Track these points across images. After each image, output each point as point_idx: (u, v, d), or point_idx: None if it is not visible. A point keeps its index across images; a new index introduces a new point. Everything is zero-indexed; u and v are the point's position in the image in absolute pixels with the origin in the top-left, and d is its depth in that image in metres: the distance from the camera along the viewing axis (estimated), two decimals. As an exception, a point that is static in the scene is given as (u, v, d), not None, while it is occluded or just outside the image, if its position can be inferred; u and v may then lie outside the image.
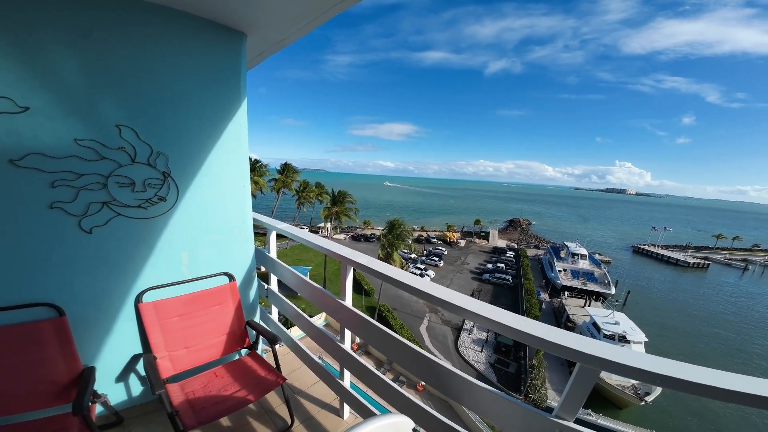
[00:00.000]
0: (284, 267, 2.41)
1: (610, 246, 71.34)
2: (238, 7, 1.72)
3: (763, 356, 26.79)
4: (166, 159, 1.88)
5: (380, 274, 1.65)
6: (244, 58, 2.05)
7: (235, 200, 2.23)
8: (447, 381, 1.40)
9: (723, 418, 18.99)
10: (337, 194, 37.87)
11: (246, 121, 2.16)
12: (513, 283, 37.37)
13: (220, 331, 2.21)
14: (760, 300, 41.72)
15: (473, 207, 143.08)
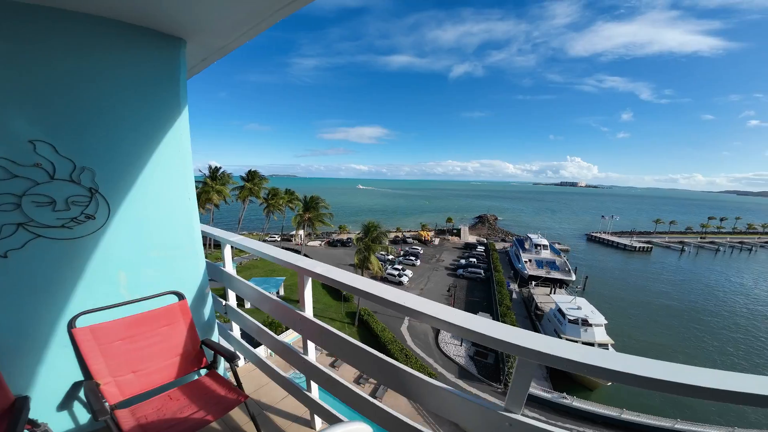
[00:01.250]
0: (242, 282, 2.33)
1: (567, 235, 76.73)
2: (175, 13, 1.63)
3: (699, 319, 30.26)
4: (93, 174, 1.74)
5: (337, 282, 1.64)
6: (184, 65, 1.95)
7: (179, 214, 2.11)
8: (406, 382, 1.42)
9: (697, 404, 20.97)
10: (309, 200, 36.67)
11: (188, 131, 2.05)
12: (485, 276, 38.79)
13: (172, 352, 2.10)
14: (698, 278, 47.14)
15: (444, 206, 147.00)
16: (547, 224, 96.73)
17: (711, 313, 32.92)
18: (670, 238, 74.26)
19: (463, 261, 45.15)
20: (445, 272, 42.05)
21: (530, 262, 40.23)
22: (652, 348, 25.34)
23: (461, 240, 64.21)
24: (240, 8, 1.51)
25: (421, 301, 1.38)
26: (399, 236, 62.49)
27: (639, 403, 18.58)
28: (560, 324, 23.51)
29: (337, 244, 55.99)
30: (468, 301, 32.49)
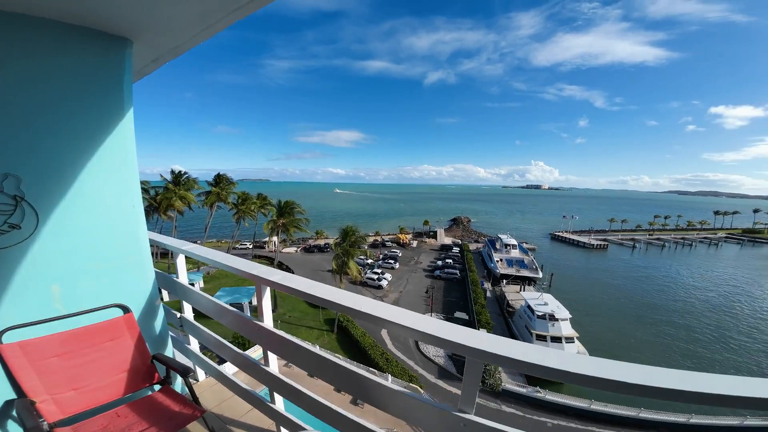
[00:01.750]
0: (197, 293, 2.26)
1: (533, 235, 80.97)
2: (118, 13, 1.54)
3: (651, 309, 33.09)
4: (19, 181, 1.62)
5: (294, 290, 1.61)
6: (129, 67, 1.84)
7: (123, 223, 2.01)
8: (366, 387, 1.43)
9: None
10: (283, 205, 34.65)
11: (133, 135, 1.95)
12: (461, 276, 39.71)
13: (118, 368, 2.02)
14: (649, 270, 51.53)
15: (421, 209, 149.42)
16: (516, 225, 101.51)
17: (660, 304, 36.09)
18: (622, 235, 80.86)
19: (440, 262, 45.95)
20: (423, 274, 42.54)
21: (501, 261, 41.81)
22: (612, 339, 27.15)
23: (438, 242, 65.43)
24: (190, 8, 1.43)
25: (375, 304, 1.39)
26: (378, 240, 62.32)
27: (607, 393, 19.68)
28: (530, 320, 24.52)
29: (314, 250, 54.67)
30: (445, 301, 33.02)
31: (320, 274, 40.46)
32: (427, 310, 29.48)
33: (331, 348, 22.38)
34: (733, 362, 24.37)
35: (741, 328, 30.05)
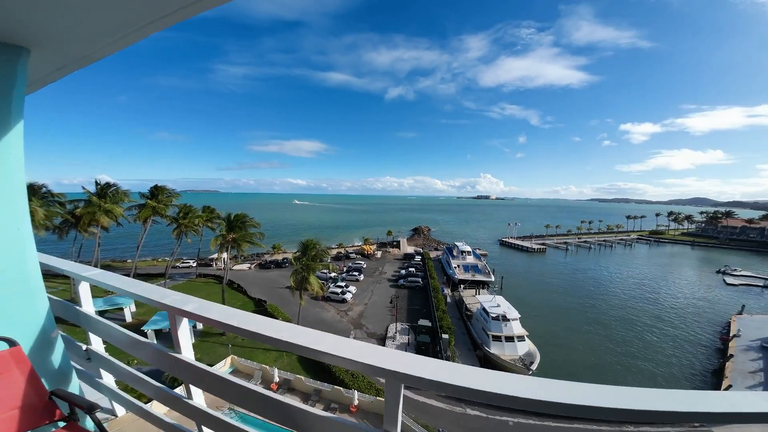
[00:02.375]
0: (104, 322, 2.08)
1: (485, 241, 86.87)
2: (9, 21, 1.39)
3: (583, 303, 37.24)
4: None
5: (208, 319, 1.51)
6: (22, 76, 1.71)
7: (5, 247, 1.82)
8: (292, 415, 1.39)
9: (583, 377, 24.49)
10: (233, 218, 31.22)
11: (21, 149, 1.80)
12: (423, 284, 40.61)
13: (6, 405, 1.78)
14: (579, 270, 58.14)
15: (386, 219, 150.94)
16: (470, 233, 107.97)
17: (591, 299, 40.92)
18: (557, 239, 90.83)
19: (404, 271, 46.54)
20: (388, 284, 42.58)
21: (459, 268, 43.84)
22: (554, 333, 29.82)
23: (401, 251, 66.42)
24: (100, 18, 1.32)
25: (299, 331, 1.35)
26: (342, 252, 61.03)
27: None
28: (486, 321, 25.78)
29: (270, 265, 51.33)
30: (410, 309, 33.33)
31: (278, 291, 37.98)
32: (392, 320, 29.41)
33: (292, 369, 20.93)
34: (646, 343, 28.44)
35: (651, 314, 35.45)
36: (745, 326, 29.13)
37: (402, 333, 27.49)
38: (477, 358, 24.28)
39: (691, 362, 25.12)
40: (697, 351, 26.87)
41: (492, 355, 23.50)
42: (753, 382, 21.41)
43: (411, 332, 27.42)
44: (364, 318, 31.19)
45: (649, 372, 23.90)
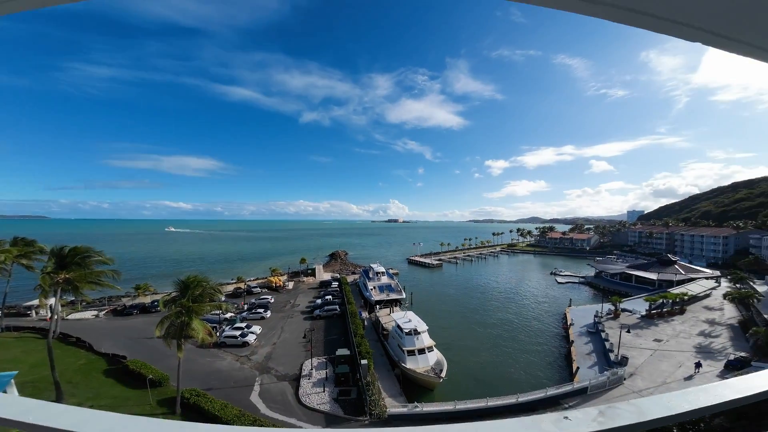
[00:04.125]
0: None
1: (396, 261, 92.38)
2: None
3: (474, 306, 43.09)
4: None
5: None
6: None
7: None
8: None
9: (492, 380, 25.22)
10: (67, 253, 22.02)
11: None
12: (341, 310, 38.85)
13: None
14: (467, 278, 67.86)
15: (299, 246, 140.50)
16: (383, 254, 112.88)
17: (479, 303, 48.05)
18: (449, 255, 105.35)
19: (320, 300, 43.59)
20: (302, 317, 38.74)
21: (375, 289, 44.40)
22: (455, 339, 33.09)
23: (317, 279, 62.49)
24: None
25: None
26: (241, 288, 51.68)
27: (462, 391, 22.22)
28: (401, 338, 26.41)
29: (132, 311, 39.69)
30: (327, 341, 30.94)
31: (146, 343, 29.04)
32: (307, 356, 26.49)
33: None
34: (522, 337, 34.95)
35: (520, 312, 44.30)
36: (575, 316, 36.93)
37: (319, 368, 25.01)
38: (395, 377, 24.28)
39: (551, 349, 30.55)
40: (553, 340, 32.84)
41: (408, 370, 23.97)
42: (590, 362, 26.24)
43: (329, 365, 25.28)
44: (272, 360, 26.87)
45: (530, 362, 27.92)
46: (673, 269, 52.88)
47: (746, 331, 30.31)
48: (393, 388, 23.01)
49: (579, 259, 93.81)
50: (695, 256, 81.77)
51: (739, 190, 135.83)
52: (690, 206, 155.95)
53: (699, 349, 27.77)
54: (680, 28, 0.91)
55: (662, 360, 26.04)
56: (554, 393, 21.27)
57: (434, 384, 23.08)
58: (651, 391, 21.81)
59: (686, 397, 1.10)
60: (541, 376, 25.65)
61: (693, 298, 41.93)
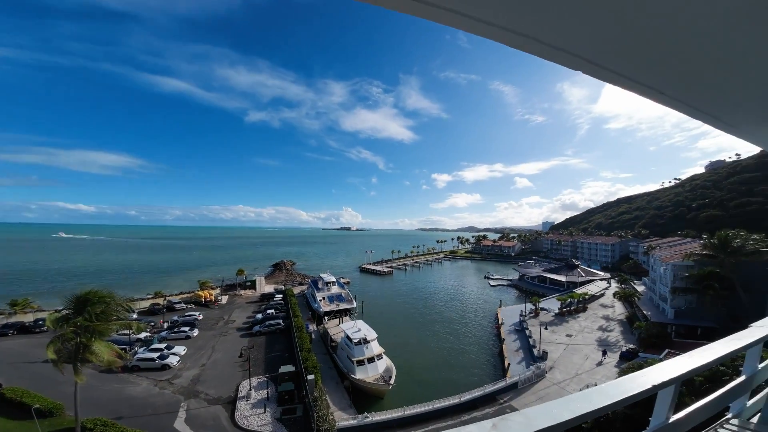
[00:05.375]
0: None
1: (348, 270, 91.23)
2: None
3: (423, 310, 45.02)
4: None
5: None
6: None
7: None
8: None
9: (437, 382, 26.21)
10: None
11: None
12: (285, 324, 36.42)
13: None
14: (415, 284, 70.61)
15: (236, 256, 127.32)
16: (335, 263, 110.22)
17: (427, 307, 50.40)
18: (399, 262, 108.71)
19: (260, 315, 40.14)
20: (238, 334, 35.11)
21: (324, 300, 42.99)
22: (404, 343, 34.08)
23: (257, 292, 57.40)
24: None
25: None
26: (159, 303, 44.79)
27: (409, 396, 22.77)
28: (350, 348, 26.08)
29: (9, 331, 32.45)
30: (268, 358, 28.60)
31: (31, 368, 23.83)
32: (245, 376, 24.03)
33: None
34: (465, 337, 37.71)
35: (458, 308, 47.83)
36: (505, 315, 41.48)
37: (259, 388, 22.98)
38: (345, 390, 23.73)
39: (487, 348, 33.82)
40: (488, 338, 36.34)
41: (358, 380, 23.82)
42: (519, 358, 29.09)
43: (271, 384, 23.37)
44: (201, 383, 23.95)
45: (470, 361, 30.36)
46: (576, 272, 63.24)
47: (632, 325, 35.36)
48: (342, 401, 22.45)
49: (507, 264, 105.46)
50: (592, 260, 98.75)
51: (622, 204, 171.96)
52: (587, 218, 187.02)
53: (600, 342, 33.00)
54: (562, 55, 1.14)
55: (574, 353, 30.35)
56: (491, 390, 23.12)
57: (384, 392, 23.29)
58: (567, 382, 25.16)
59: (567, 405, 1.20)
60: (480, 373, 28.10)
61: (592, 297, 50.48)
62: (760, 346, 2.25)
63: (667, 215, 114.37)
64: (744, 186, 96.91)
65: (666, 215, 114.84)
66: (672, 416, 1.74)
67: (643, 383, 1.45)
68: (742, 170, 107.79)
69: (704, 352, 1.90)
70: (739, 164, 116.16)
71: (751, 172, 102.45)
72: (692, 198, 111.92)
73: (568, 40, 1.05)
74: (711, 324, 30.98)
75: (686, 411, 1.84)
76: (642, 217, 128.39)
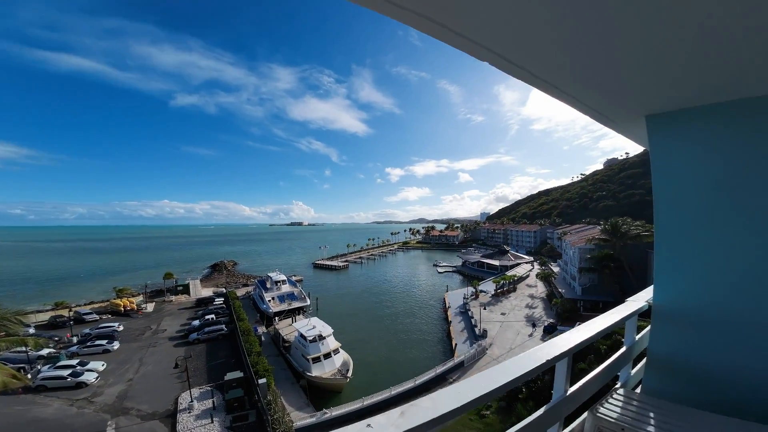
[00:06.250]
0: None
1: (300, 267, 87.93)
2: None
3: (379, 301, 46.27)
4: None
5: None
6: None
7: None
8: None
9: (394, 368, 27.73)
10: None
11: None
12: (229, 329, 33.74)
13: None
14: (370, 276, 71.77)
15: (163, 258, 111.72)
16: (285, 260, 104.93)
17: (384, 298, 51.83)
18: (355, 256, 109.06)
19: (197, 322, 36.43)
20: (171, 344, 31.51)
21: (273, 300, 40.98)
22: (361, 336, 34.69)
23: (191, 297, 51.68)
24: None
25: None
26: (64, 315, 37.90)
27: (366, 387, 23.14)
28: (304, 347, 25.64)
29: None
30: (211, 366, 26.39)
31: None
32: (184, 387, 21.84)
33: None
34: (420, 324, 39.93)
35: (410, 295, 50.43)
36: (451, 299, 45.15)
37: (203, 398, 21.31)
38: (302, 389, 23.40)
39: (437, 330, 36.58)
40: (438, 322, 39.41)
41: (314, 378, 23.73)
42: (464, 338, 31.72)
43: (217, 393, 21.76)
44: (130, 398, 21.55)
45: (423, 344, 32.52)
46: (507, 257, 72.61)
47: (551, 302, 40.20)
48: (299, 400, 22.16)
49: (452, 252, 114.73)
50: (520, 246, 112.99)
51: (542, 196, 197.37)
52: (515, 209, 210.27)
53: (527, 318, 38.08)
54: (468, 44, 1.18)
55: (507, 330, 34.49)
56: (442, 370, 25.00)
57: (341, 385, 23.63)
58: (504, 356, 28.27)
59: (472, 385, 1.24)
60: (432, 355, 30.42)
61: (520, 279, 57.74)
62: (635, 318, 2.42)
63: (575, 205, 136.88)
64: (630, 180, 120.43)
65: (574, 205, 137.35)
66: (569, 388, 1.82)
67: (539, 358, 1.54)
68: (629, 166, 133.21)
69: (589, 325, 2.03)
70: (627, 161, 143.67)
71: (635, 167, 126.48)
72: (593, 190, 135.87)
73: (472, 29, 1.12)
74: (610, 299, 36.36)
75: (581, 382, 1.94)
76: (557, 207, 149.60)
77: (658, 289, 2.28)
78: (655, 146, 2.21)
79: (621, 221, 39.79)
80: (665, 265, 2.23)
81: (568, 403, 1.80)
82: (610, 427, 1.73)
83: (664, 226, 2.21)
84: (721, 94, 1.78)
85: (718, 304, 2.05)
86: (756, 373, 1.95)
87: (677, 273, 2.18)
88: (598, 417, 1.81)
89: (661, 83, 1.64)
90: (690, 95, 1.80)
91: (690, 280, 2.14)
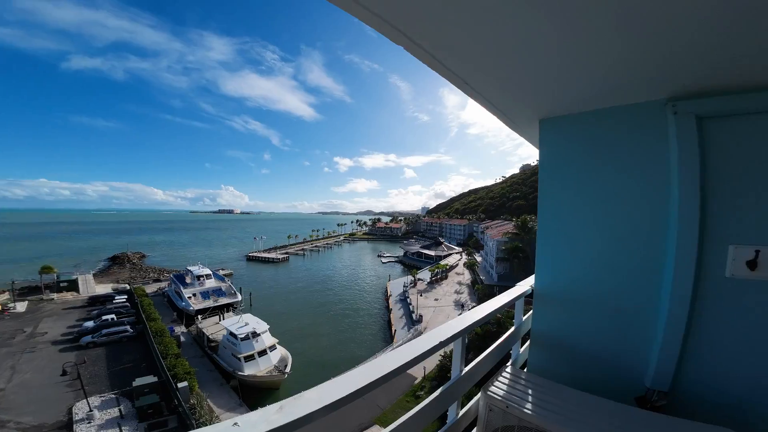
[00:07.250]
0: None
1: (230, 260, 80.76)
2: None
3: (321, 293, 46.10)
4: None
5: None
6: None
7: None
8: None
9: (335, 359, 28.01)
10: None
11: None
12: (137, 330, 29.58)
13: None
14: (313, 269, 70.31)
15: (36, 249, 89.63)
16: (210, 252, 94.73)
17: (326, 290, 51.54)
18: (296, 248, 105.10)
19: (92, 323, 31.00)
20: (56, 348, 26.71)
21: (195, 297, 37.36)
22: (301, 330, 34.28)
23: (81, 295, 43.27)
24: None
25: None
26: None
27: (307, 381, 23.27)
28: (235, 345, 24.35)
29: None
30: (113, 372, 23.26)
31: None
32: (78, 396, 18.86)
33: None
34: (362, 313, 41.02)
35: (353, 285, 51.59)
36: (393, 288, 48.39)
37: (105, 407, 19.00)
38: (233, 390, 22.33)
39: (378, 319, 38.63)
40: (379, 310, 41.63)
41: (247, 377, 22.93)
42: (402, 324, 34.30)
43: (124, 400, 19.33)
44: (5, 410, 18.77)
45: (364, 333, 33.89)
46: (441, 248, 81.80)
47: (474, 288, 45.61)
48: (231, 401, 21.21)
49: (395, 243, 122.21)
50: (452, 238, 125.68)
51: (471, 195, 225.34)
52: (450, 205, 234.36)
53: (456, 303, 43.20)
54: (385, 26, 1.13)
55: (439, 314, 38.44)
56: (381, 356, 27.10)
57: (279, 382, 23.36)
58: None
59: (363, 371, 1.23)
60: (373, 343, 32.19)
61: (451, 267, 64.74)
62: (522, 300, 2.64)
63: (496, 204, 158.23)
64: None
65: (495, 204, 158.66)
66: (464, 368, 1.91)
67: (432, 340, 1.63)
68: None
69: (483, 306, 2.16)
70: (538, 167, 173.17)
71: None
72: (510, 191, 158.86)
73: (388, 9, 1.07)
74: (519, 285, 47.05)
75: (474, 362, 2.02)
76: (482, 205, 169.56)
77: (538, 274, 2.53)
78: (543, 148, 2.45)
79: (529, 218, 48.52)
80: (543, 252, 2.49)
81: (464, 382, 1.89)
82: (498, 405, 1.79)
83: (543, 219, 2.49)
84: (603, 101, 1.95)
85: (578, 289, 2.28)
86: (613, 354, 2.12)
87: (551, 260, 2.45)
88: (488, 395, 1.86)
89: (554, 89, 1.77)
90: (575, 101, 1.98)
91: (559, 267, 2.41)
